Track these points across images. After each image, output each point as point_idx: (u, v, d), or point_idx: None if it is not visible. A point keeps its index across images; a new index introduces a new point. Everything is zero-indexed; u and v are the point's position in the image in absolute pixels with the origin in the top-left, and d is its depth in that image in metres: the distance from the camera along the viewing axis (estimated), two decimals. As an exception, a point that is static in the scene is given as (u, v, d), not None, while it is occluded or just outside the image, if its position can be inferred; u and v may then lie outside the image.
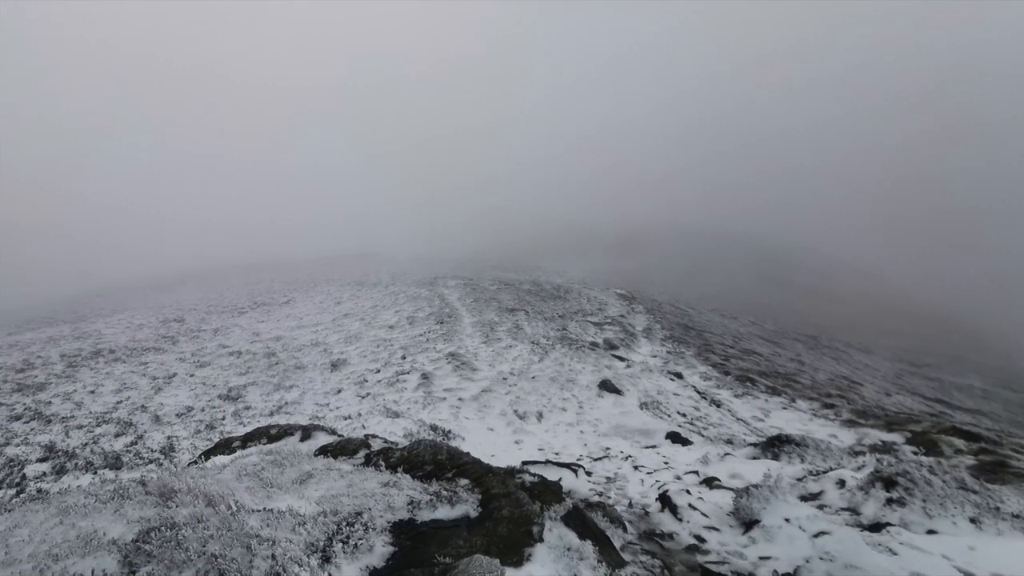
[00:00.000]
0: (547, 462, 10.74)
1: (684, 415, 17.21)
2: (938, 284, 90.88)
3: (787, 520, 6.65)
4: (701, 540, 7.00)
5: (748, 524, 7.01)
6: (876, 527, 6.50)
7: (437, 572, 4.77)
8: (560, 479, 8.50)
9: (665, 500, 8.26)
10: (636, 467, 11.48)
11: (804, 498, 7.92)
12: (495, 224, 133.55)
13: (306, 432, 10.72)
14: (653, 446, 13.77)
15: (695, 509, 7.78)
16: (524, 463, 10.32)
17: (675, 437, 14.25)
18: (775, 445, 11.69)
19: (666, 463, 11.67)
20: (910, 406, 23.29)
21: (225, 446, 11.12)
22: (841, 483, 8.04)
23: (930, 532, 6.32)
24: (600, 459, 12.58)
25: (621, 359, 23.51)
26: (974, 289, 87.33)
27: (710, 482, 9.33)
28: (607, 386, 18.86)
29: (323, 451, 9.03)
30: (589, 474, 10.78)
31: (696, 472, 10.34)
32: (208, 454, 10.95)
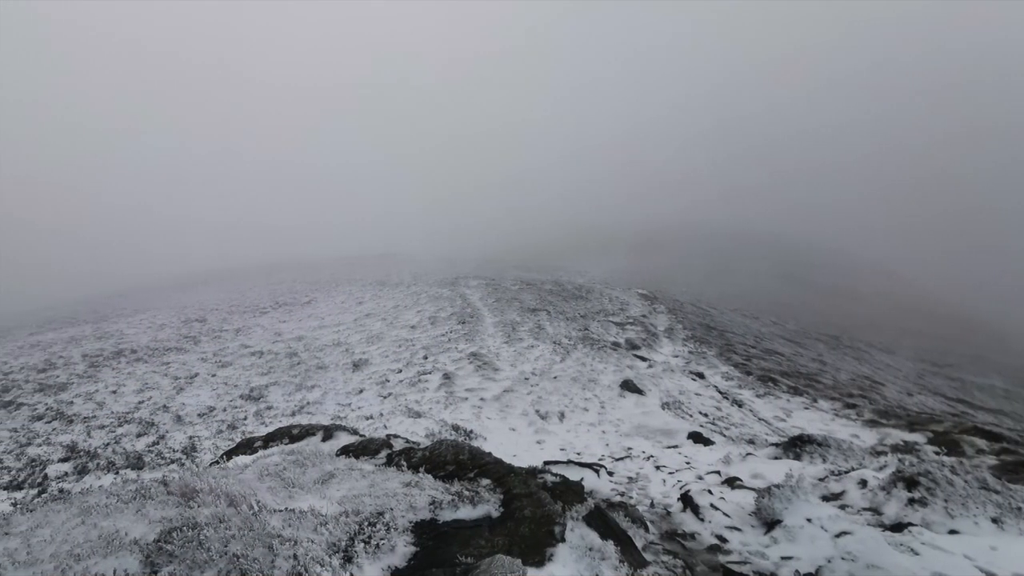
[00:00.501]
0: (569, 462, 10.72)
1: (706, 415, 17.18)
2: (960, 284, 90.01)
3: (809, 520, 6.65)
4: (723, 540, 7.01)
5: (770, 524, 7.01)
6: (898, 527, 6.50)
7: (459, 572, 4.79)
8: (582, 479, 8.45)
9: (687, 500, 8.27)
10: (658, 467, 11.47)
11: (826, 498, 7.91)
12: (517, 224, 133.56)
13: (328, 432, 10.68)
14: (675, 446, 13.77)
15: (717, 509, 7.79)
16: (546, 463, 10.31)
17: (697, 437, 14.23)
18: (797, 445, 11.68)
19: (688, 463, 11.66)
20: (932, 406, 23.11)
21: (247, 446, 11.14)
22: (863, 483, 8.02)
23: (952, 532, 6.31)
24: (622, 459, 12.56)
25: (643, 359, 23.48)
26: (996, 289, 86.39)
27: (732, 482, 9.32)
28: (629, 386, 18.85)
29: (345, 451, 9.04)
30: (611, 474, 10.79)
31: (718, 472, 10.33)
32: (230, 454, 10.98)
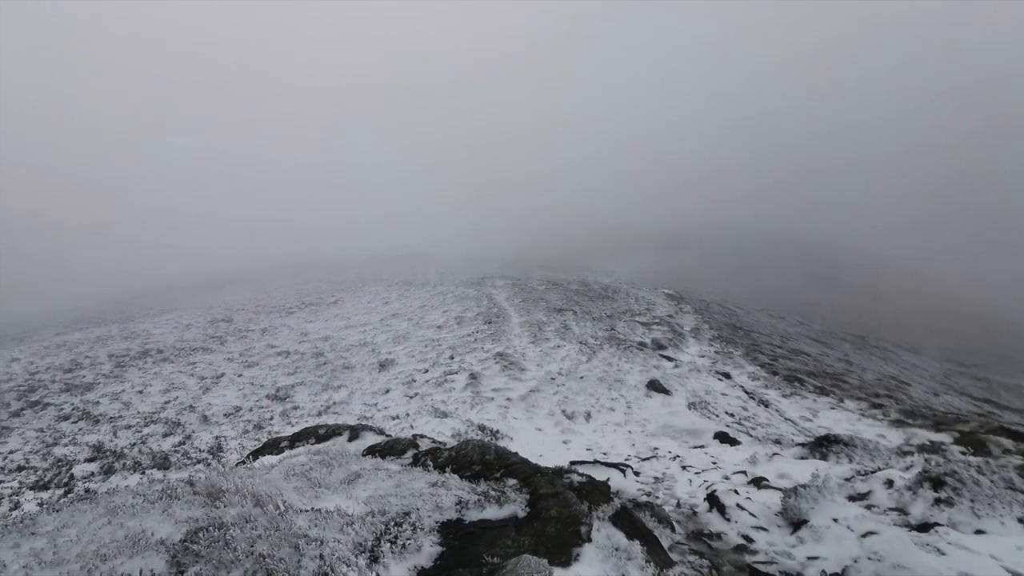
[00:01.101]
0: (595, 462, 10.73)
1: (732, 415, 17.16)
2: (986, 284, 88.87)
3: (835, 520, 6.66)
4: (749, 540, 7.03)
5: (796, 524, 7.02)
6: (924, 527, 6.51)
7: (485, 572, 4.80)
8: (608, 479, 8.44)
9: (713, 500, 8.29)
10: (684, 467, 11.49)
11: (852, 498, 7.91)
12: (543, 224, 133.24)
13: (354, 432, 10.70)
14: (701, 446, 13.78)
15: (743, 509, 7.81)
16: (572, 463, 10.33)
17: (723, 437, 14.24)
18: (823, 445, 11.66)
19: (714, 463, 11.67)
20: (958, 406, 22.92)
21: (273, 446, 11.20)
22: (889, 483, 8.02)
23: (978, 532, 6.32)
24: (648, 459, 12.58)
25: (669, 359, 23.45)
26: (1022, 288, 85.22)
27: (758, 482, 9.33)
28: (655, 386, 18.86)
29: (371, 451, 9.09)
30: (637, 474, 10.81)
31: (744, 472, 10.34)
32: (256, 454, 11.05)
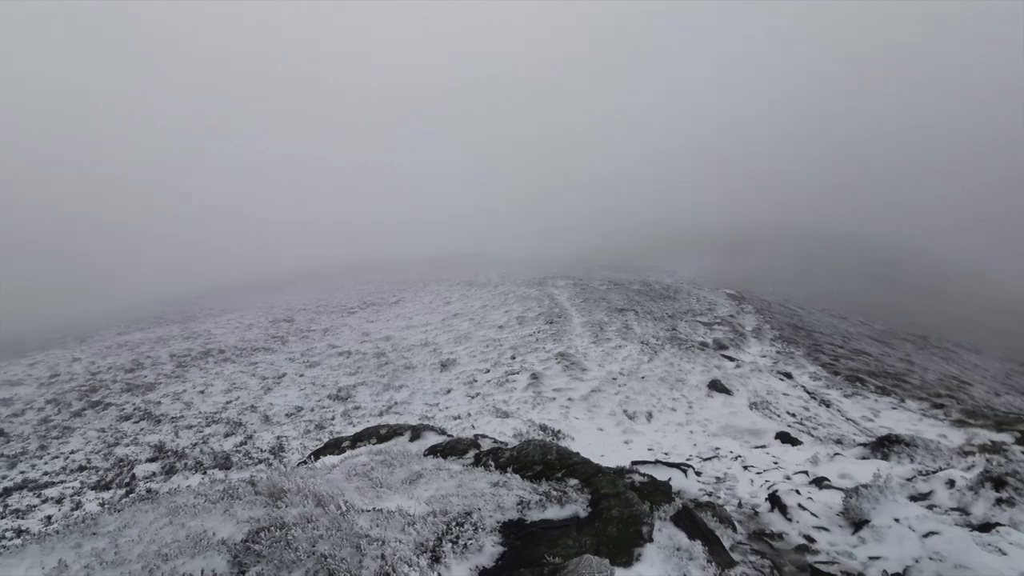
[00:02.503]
0: (656, 462, 10.79)
1: (793, 415, 17.08)
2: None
3: (896, 520, 6.66)
4: (810, 540, 7.05)
5: (857, 524, 7.04)
6: (985, 527, 6.48)
7: (547, 572, 4.84)
8: (669, 479, 8.49)
9: (774, 500, 8.30)
10: (745, 467, 11.51)
11: (913, 498, 7.88)
12: (604, 224, 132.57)
13: (415, 432, 10.82)
14: (762, 446, 13.78)
15: (804, 509, 7.82)
16: (633, 463, 10.34)
17: (784, 437, 14.21)
18: (884, 445, 11.63)
19: (775, 463, 11.67)
20: (1020, 406, 22.37)
21: (334, 446, 11.36)
22: (950, 483, 7.99)
23: (1041, 533, 6.30)
24: (709, 459, 12.63)
25: (730, 359, 23.35)
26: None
27: (819, 482, 9.32)
28: (716, 386, 18.83)
29: (432, 451, 9.23)
30: (698, 474, 10.84)
31: (805, 472, 10.34)
32: (317, 454, 11.19)
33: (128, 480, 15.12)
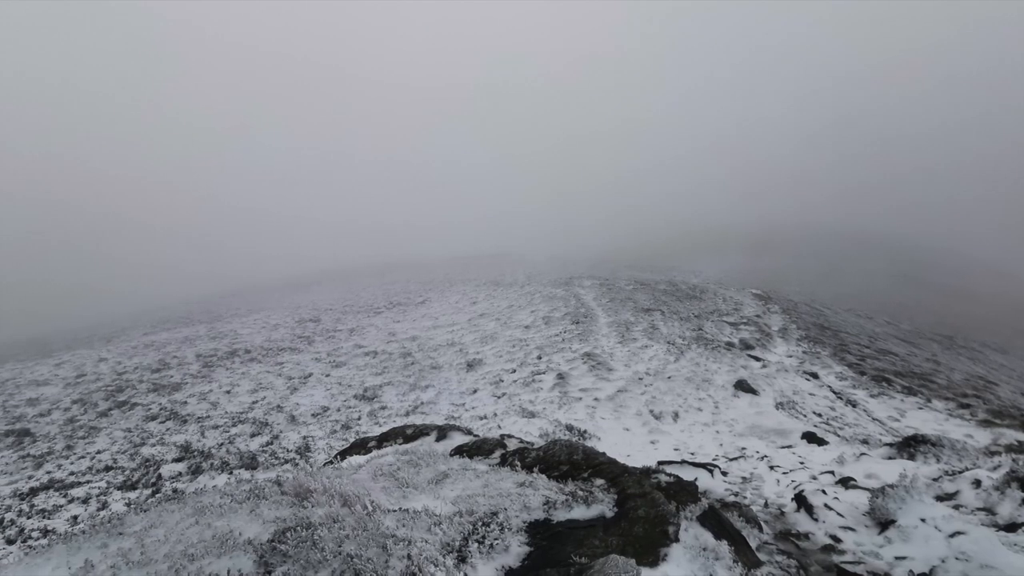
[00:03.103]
0: (682, 462, 10.84)
1: (820, 415, 17.05)
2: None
3: (923, 520, 6.66)
4: (837, 540, 7.07)
5: (884, 524, 7.05)
6: (1012, 527, 6.51)
7: (573, 572, 4.87)
8: (695, 479, 8.55)
9: (801, 500, 8.31)
10: (772, 467, 11.51)
11: (940, 498, 7.87)
12: (630, 224, 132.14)
13: (442, 432, 10.89)
14: (789, 446, 13.79)
15: (831, 509, 7.84)
16: (659, 463, 10.36)
17: (811, 437, 14.21)
18: (911, 445, 11.62)
19: (802, 463, 11.68)
20: (1046, 406, 22.21)
21: (361, 446, 11.43)
22: (977, 483, 7.98)
23: (1068, 533, 6.31)
24: (736, 459, 12.65)
25: (757, 359, 23.30)
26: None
27: (846, 482, 9.32)
28: (743, 386, 18.83)
29: (458, 451, 9.31)
30: (725, 474, 10.87)
31: (832, 472, 10.33)
32: (344, 454, 11.26)
33: (154, 480, 15.32)
